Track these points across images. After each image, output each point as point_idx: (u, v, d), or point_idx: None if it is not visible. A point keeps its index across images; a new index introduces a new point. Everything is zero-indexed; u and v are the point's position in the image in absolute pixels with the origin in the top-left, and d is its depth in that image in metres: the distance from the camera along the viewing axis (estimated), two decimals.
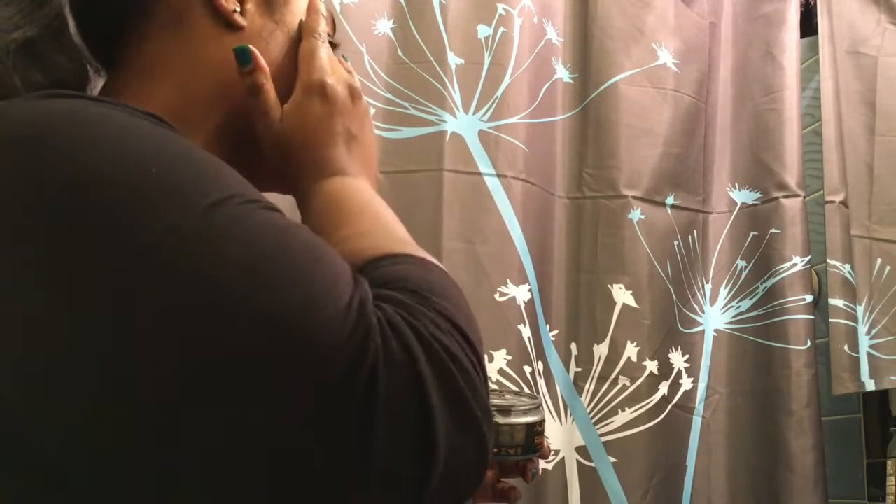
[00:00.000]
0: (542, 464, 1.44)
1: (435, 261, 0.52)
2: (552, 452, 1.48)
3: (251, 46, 0.61)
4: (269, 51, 0.63)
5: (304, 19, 0.66)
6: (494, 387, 1.39)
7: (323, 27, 0.66)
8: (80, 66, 0.61)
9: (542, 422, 0.79)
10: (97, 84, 0.64)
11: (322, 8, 0.67)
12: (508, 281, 1.46)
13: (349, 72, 0.64)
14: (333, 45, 0.69)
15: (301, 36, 0.65)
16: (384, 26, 1.51)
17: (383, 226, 0.55)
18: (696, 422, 1.58)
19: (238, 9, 0.62)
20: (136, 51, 0.62)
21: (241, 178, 0.48)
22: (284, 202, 0.55)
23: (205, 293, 0.41)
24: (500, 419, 0.77)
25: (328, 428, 0.40)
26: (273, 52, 0.64)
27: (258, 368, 0.40)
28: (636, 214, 1.57)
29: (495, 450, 0.77)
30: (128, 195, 0.42)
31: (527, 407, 0.79)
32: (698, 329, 1.62)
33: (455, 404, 0.43)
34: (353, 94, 0.63)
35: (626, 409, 1.51)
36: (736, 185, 1.69)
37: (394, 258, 0.49)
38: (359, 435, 0.40)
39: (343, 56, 0.67)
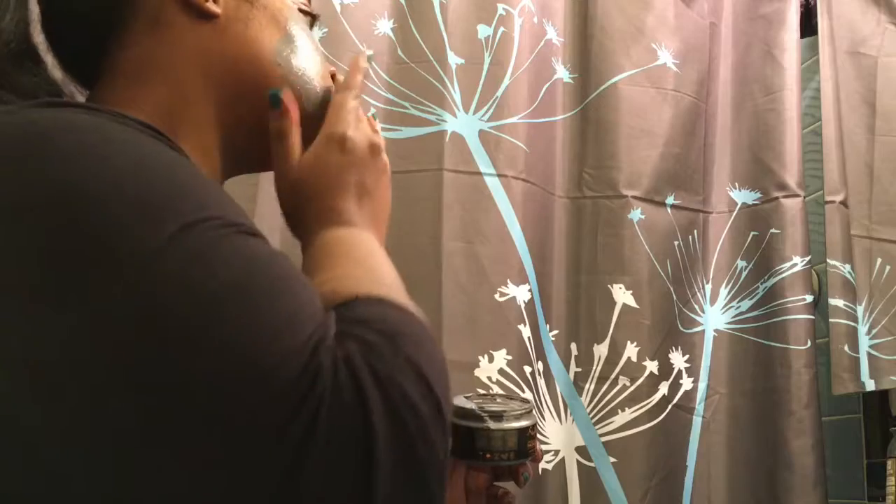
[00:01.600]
0: (542, 464, 1.44)
1: (416, 311, 0.50)
2: (552, 452, 1.48)
3: (284, 93, 0.62)
4: (246, 33, 0.64)
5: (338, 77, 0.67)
6: (484, 391, 1.38)
7: (359, 83, 0.66)
8: (49, 82, 0.61)
9: (533, 426, 0.79)
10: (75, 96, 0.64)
11: (361, 62, 0.68)
12: (508, 281, 1.46)
13: (375, 130, 0.65)
14: (313, 18, 0.70)
15: (280, 17, 0.65)
16: (384, 26, 1.51)
17: (373, 272, 0.54)
18: (696, 422, 1.58)
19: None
20: (118, 60, 0.62)
21: (226, 197, 0.48)
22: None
23: (159, 318, 0.40)
24: (491, 425, 0.77)
25: (264, 469, 0.39)
26: (251, 33, 0.64)
27: (198, 398, 0.40)
28: (636, 214, 1.57)
29: (487, 455, 0.77)
30: (101, 212, 0.42)
31: (518, 412, 0.79)
32: (698, 329, 1.62)
33: (406, 459, 0.41)
34: (374, 149, 0.63)
35: (626, 409, 1.51)
36: (736, 185, 1.68)
37: (371, 300, 0.48)
38: (287, 480, 0.39)
39: (373, 114, 0.67)
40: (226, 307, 0.41)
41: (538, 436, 0.83)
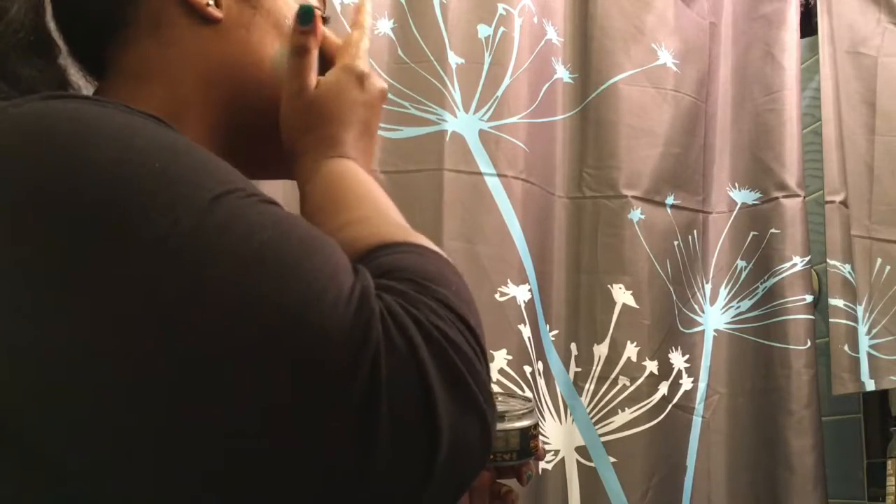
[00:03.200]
0: (542, 464, 1.44)
1: (434, 247, 0.52)
2: (552, 452, 1.48)
3: (317, 11, 0.62)
4: (248, 39, 0.64)
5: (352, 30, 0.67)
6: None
7: (370, 24, 0.67)
8: (53, 77, 0.61)
9: (536, 425, 0.79)
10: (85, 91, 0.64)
11: (368, 6, 0.68)
12: (508, 281, 1.46)
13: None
14: (324, 20, 0.70)
15: (276, 17, 0.65)
16: (384, 26, 1.51)
17: (382, 213, 0.56)
18: (696, 422, 1.58)
19: (211, 2, 0.62)
20: (121, 58, 0.62)
21: (239, 173, 0.48)
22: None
23: (207, 286, 0.41)
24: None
25: (334, 415, 0.40)
26: (253, 39, 0.64)
27: (260, 360, 0.40)
28: (636, 214, 1.57)
29: (490, 456, 0.77)
30: (129, 191, 0.42)
31: (521, 411, 0.79)
32: (698, 329, 1.62)
33: (457, 389, 0.43)
34: (383, 95, 0.64)
35: (626, 409, 1.51)
36: (736, 185, 1.69)
37: (392, 247, 0.50)
38: (364, 422, 0.40)
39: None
40: (268, 267, 0.42)
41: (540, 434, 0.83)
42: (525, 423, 0.78)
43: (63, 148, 0.44)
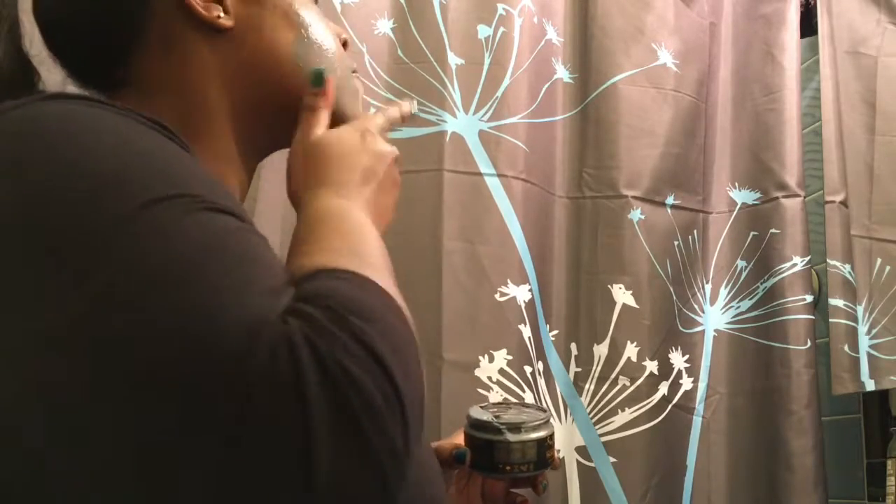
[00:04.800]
0: None
1: (390, 289, 0.48)
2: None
3: (326, 74, 0.64)
4: (261, 40, 0.64)
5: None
6: (499, 401, 1.38)
7: (394, 119, 0.70)
8: (17, 76, 0.62)
9: (551, 435, 0.79)
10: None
11: (405, 108, 0.72)
12: (508, 281, 1.46)
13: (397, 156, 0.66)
14: (344, 44, 0.71)
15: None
16: (384, 26, 1.51)
17: (354, 247, 0.52)
18: (696, 422, 1.58)
19: (220, 13, 0.63)
20: (135, 72, 0.63)
21: (206, 180, 0.49)
22: None
23: (113, 288, 0.42)
24: (510, 437, 0.76)
25: (200, 437, 0.39)
26: (266, 39, 0.65)
27: (139, 369, 0.40)
28: (636, 214, 1.57)
29: (507, 468, 0.76)
30: (74, 189, 0.44)
31: (537, 422, 0.78)
32: (698, 329, 1.62)
33: (347, 437, 0.40)
34: (394, 156, 0.65)
35: (626, 409, 1.51)
36: (736, 185, 1.68)
37: (334, 273, 0.47)
38: (224, 455, 0.39)
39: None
40: (173, 280, 0.42)
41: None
42: (541, 433, 0.78)
43: (34, 149, 0.46)
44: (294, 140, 0.63)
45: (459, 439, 0.80)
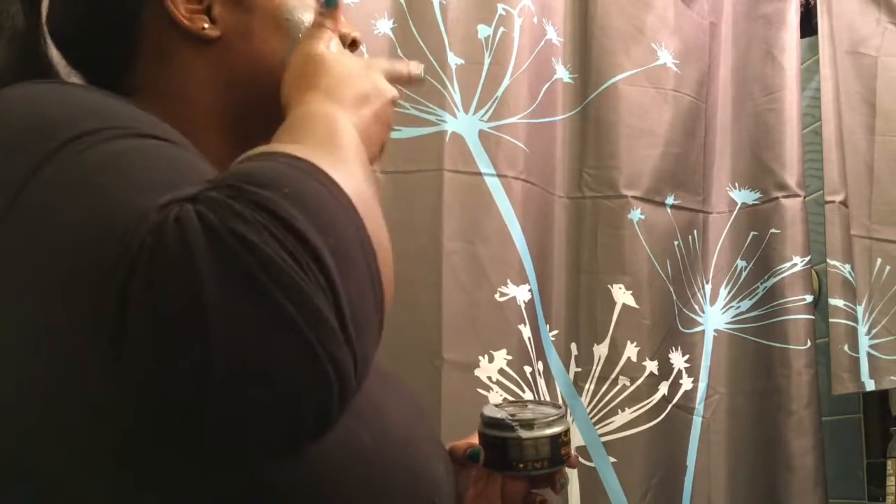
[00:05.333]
0: None
1: (317, 159, 0.45)
2: None
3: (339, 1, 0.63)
4: (251, 48, 0.65)
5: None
6: (514, 399, 1.38)
7: (402, 70, 0.68)
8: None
9: (566, 431, 0.77)
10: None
11: (413, 68, 0.70)
12: (508, 281, 1.46)
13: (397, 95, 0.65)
14: (354, 44, 0.70)
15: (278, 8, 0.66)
16: (384, 26, 1.51)
17: (311, 141, 0.49)
18: (696, 422, 1.58)
19: (206, 24, 0.63)
20: (137, 80, 0.64)
21: (145, 119, 0.51)
22: None
23: (23, 201, 0.44)
24: (523, 434, 0.75)
25: (89, 314, 0.40)
26: (255, 46, 0.65)
27: (48, 262, 0.42)
28: (636, 214, 1.57)
29: (521, 465, 0.76)
30: (10, 139, 0.48)
31: (551, 418, 0.77)
32: (698, 329, 1.62)
33: (248, 296, 0.39)
34: (391, 93, 0.62)
35: (626, 409, 1.51)
36: (736, 185, 1.68)
37: (260, 156, 0.46)
38: (118, 324, 0.39)
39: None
40: (73, 192, 0.44)
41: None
42: (555, 429, 0.76)
43: None
44: (293, 53, 0.61)
45: (475, 440, 0.80)
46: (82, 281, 0.40)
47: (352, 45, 0.71)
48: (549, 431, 0.76)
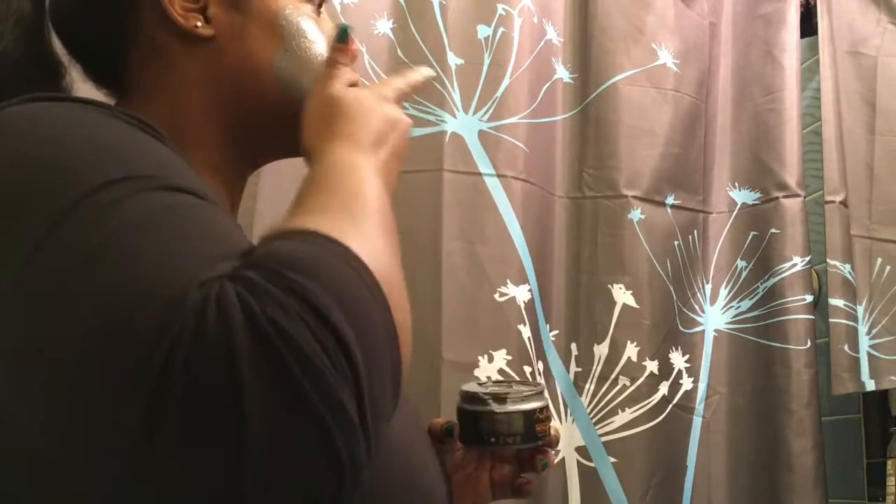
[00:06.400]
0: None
1: (375, 251, 0.46)
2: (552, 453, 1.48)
3: (351, 31, 0.63)
4: (243, 49, 0.64)
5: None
6: (501, 378, 1.38)
7: (415, 80, 0.67)
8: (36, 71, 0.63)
9: (542, 408, 0.76)
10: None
11: (421, 74, 0.69)
12: (508, 281, 1.46)
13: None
14: (320, 1, 0.70)
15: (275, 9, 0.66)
16: (384, 26, 1.51)
17: (350, 207, 0.50)
18: (697, 422, 1.58)
19: (199, 23, 0.63)
20: (129, 80, 0.65)
21: (164, 161, 0.49)
22: None
23: (53, 268, 0.42)
24: (495, 408, 0.74)
25: (122, 402, 0.39)
26: (247, 48, 0.65)
27: (71, 348, 0.40)
28: (636, 214, 1.57)
29: (492, 439, 0.75)
30: (21, 179, 0.45)
31: (525, 393, 0.76)
32: (698, 329, 1.62)
33: (283, 392, 0.38)
34: (405, 123, 0.62)
35: (627, 409, 1.51)
36: (736, 185, 1.68)
37: (285, 235, 0.45)
38: (152, 411, 0.38)
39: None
40: (100, 261, 0.42)
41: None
42: (530, 405, 0.75)
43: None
44: (312, 94, 0.62)
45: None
46: (115, 359, 0.39)
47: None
48: (522, 406, 0.75)
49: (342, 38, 0.63)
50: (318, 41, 0.66)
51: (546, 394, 0.79)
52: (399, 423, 0.61)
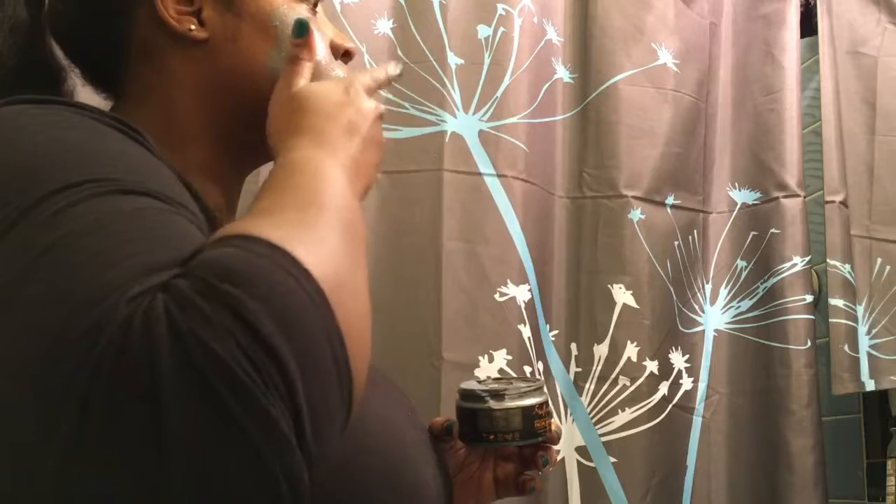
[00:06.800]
0: None
1: (326, 256, 0.44)
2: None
3: (311, 25, 0.61)
4: (237, 51, 0.64)
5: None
6: (501, 376, 1.39)
7: (384, 77, 0.65)
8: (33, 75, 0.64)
9: (542, 404, 0.75)
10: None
11: (391, 70, 0.67)
12: (508, 281, 1.46)
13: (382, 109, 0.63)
14: (347, 55, 0.70)
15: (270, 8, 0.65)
16: (384, 26, 1.51)
17: (290, 206, 0.48)
18: (697, 422, 1.58)
19: (193, 26, 0.63)
20: (125, 84, 0.65)
21: (133, 163, 0.49)
22: None
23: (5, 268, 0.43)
24: (493, 404, 0.73)
25: (51, 408, 0.38)
26: (242, 49, 0.65)
27: (10, 350, 0.41)
28: (636, 214, 1.57)
29: (491, 437, 0.74)
30: None
31: (523, 390, 0.75)
32: (698, 329, 1.62)
33: (205, 411, 0.37)
34: (376, 111, 0.61)
35: (627, 409, 1.51)
36: (736, 185, 1.68)
37: (230, 241, 0.43)
38: (76, 431, 0.38)
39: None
40: (49, 263, 0.42)
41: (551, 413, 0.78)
42: (528, 401, 0.74)
43: None
44: (274, 91, 0.60)
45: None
46: (41, 377, 0.39)
47: (345, 55, 0.71)
48: (520, 403, 0.74)
49: (300, 32, 0.61)
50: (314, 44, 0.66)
51: (545, 389, 0.78)
52: (386, 419, 0.61)
